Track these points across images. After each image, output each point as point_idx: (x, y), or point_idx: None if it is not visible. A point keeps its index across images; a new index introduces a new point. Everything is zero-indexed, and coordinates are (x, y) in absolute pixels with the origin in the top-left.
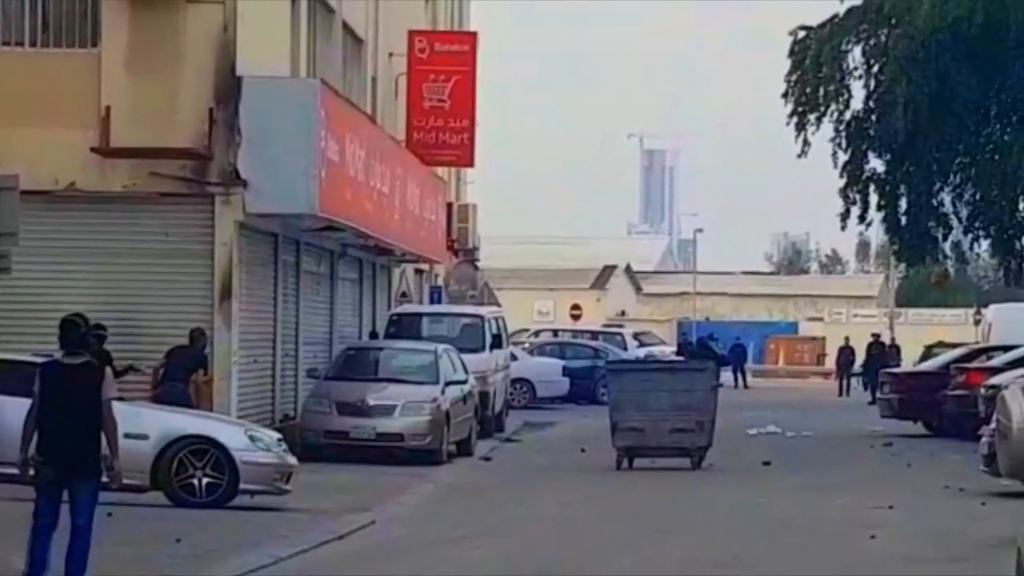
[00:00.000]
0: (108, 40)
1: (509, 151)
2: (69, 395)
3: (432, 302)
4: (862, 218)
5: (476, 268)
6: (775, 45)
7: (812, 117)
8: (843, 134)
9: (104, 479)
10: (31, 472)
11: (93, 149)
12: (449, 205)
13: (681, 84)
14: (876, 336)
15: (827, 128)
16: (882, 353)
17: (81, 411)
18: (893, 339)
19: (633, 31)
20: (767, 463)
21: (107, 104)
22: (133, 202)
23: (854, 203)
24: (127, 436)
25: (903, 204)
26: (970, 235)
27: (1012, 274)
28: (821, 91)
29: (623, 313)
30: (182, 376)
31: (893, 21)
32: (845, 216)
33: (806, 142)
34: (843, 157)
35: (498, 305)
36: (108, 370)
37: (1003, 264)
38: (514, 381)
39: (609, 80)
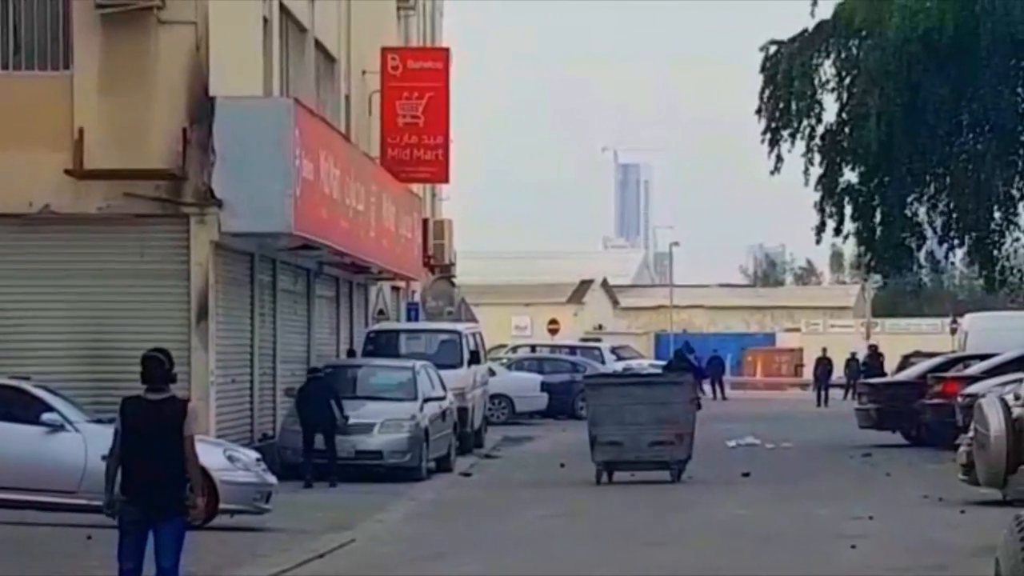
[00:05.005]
0: (80, 62)
1: (484, 167)
2: (152, 432)
3: (409, 319)
4: (838, 231)
5: (453, 284)
6: (749, 57)
7: (785, 134)
8: (816, 148)
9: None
10: (115, 512)
11: (67, 171)
12: (425, 221)
13: (655, 98)
14: (874, 347)
15: (801, 143)
16: (879, 364)
17: (163, 448)
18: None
19: (607, 45)
20: (747, 475)
21: (80, 126)
22: (108, 223)
23: (830, 216)
24: (104, 458)
25: (878, 215)
26: (944, 245)
27: (994, 281)
28: (794, 106)
29: (600, 327)
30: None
31: (864, 33)
32: (820, 229)
33: (779, 158)
34: (816, 171)
35: (475, 321)
36: (191, 406)
37: (983, 272)
38: (493, 397)
39: (583, 94)
